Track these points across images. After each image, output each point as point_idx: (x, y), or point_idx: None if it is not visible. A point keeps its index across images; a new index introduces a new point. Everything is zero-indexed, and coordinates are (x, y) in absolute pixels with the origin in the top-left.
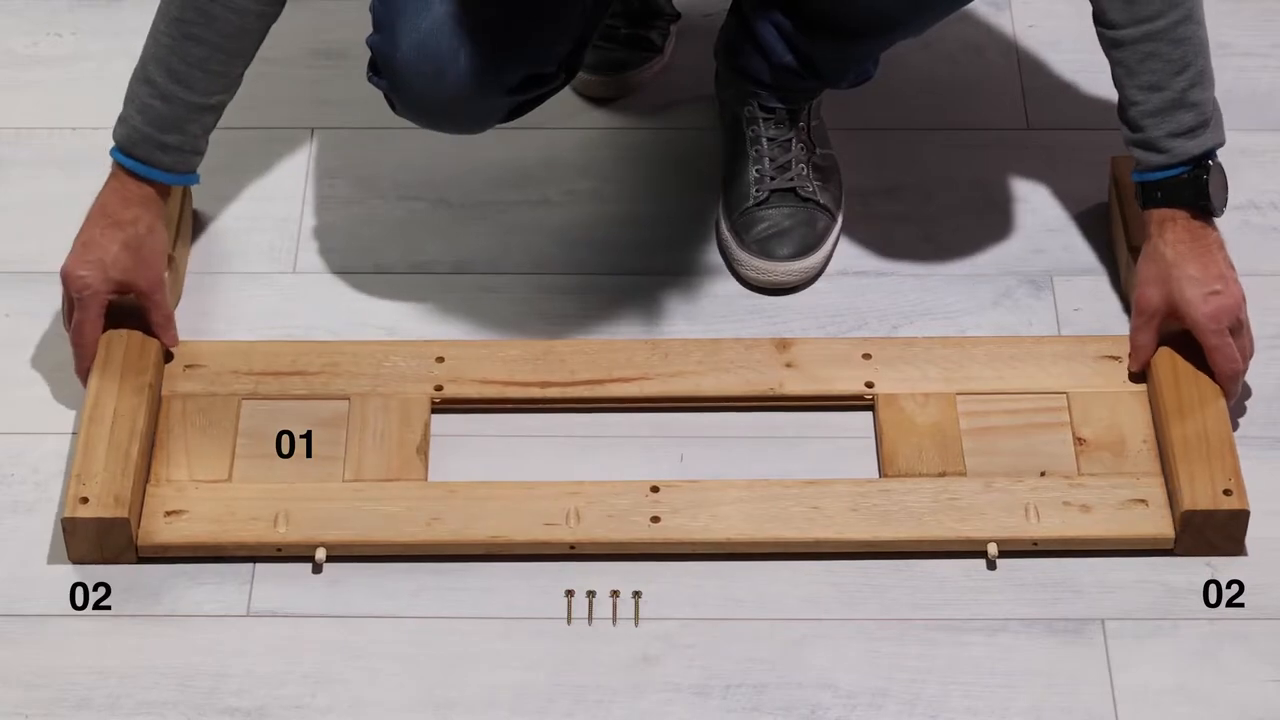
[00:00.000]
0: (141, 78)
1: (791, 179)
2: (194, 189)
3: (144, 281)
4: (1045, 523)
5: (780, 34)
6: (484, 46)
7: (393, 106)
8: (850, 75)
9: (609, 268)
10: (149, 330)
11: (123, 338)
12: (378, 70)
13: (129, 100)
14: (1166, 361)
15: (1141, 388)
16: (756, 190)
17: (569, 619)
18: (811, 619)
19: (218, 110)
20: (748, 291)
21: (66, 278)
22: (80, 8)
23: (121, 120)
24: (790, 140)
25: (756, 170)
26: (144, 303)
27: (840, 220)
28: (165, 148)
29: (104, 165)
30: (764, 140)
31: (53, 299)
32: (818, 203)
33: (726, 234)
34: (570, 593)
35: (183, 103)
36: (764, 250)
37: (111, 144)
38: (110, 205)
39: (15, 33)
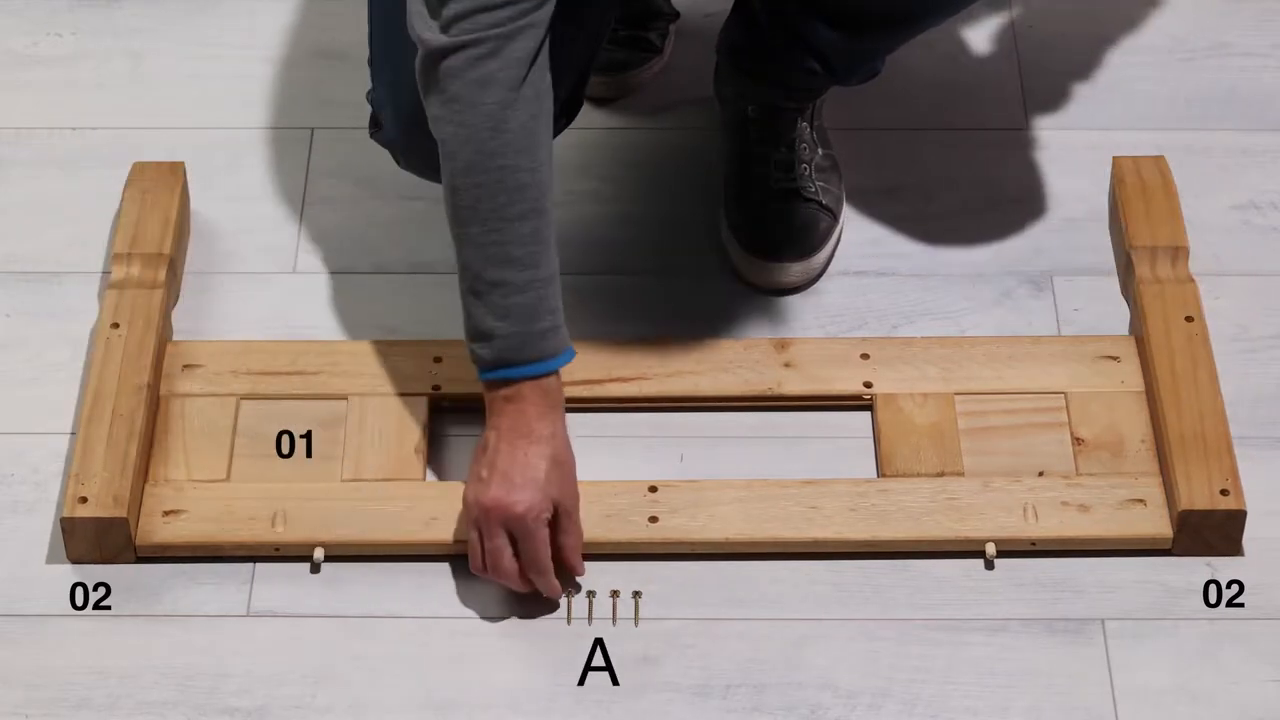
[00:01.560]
0: (477, 290)
1: (793, 179)
2: (194, 189)
3: (569, 499)
4: (1043, 523)
5: (786, 31)
6: None
7: (397, 161)
8: (859, 72)
9: (609, 268)
10: (556, 552)
11: (121, 338)
12: (379, 125)
13: (476, 322)
14: (1165, 362)
15: (1141, 387)
16: (757, 191)
17: (569, 619)
18: (811, 619)
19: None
20: (748, 291)
21: (494, 510)
22: (80, 8)
23: (478, 345)
24: (793, 141)
25: (758, 170)
26: (563, 522)
27: (841, 221)
28: (544, 334)
29: (102, 165)
30: (766, 140)
31: (52, 299)
32: (819, 203)
33: (727, 234)
34: (570, 592)
35: (539, 282)
36: (765, 251)
37: (477, 364)
38: (520, 425)
39: (15, 33)
